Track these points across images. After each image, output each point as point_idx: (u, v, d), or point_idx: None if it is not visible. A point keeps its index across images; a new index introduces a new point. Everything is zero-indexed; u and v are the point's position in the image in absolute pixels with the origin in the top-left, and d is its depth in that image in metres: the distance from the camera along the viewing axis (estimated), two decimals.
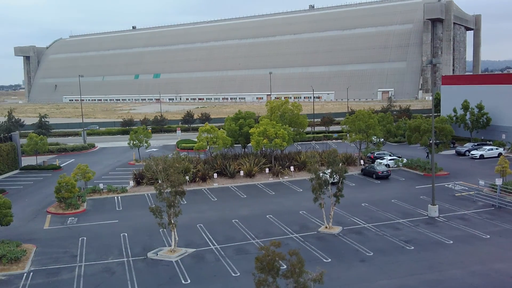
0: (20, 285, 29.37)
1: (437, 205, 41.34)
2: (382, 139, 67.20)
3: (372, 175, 56.69)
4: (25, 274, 31.14)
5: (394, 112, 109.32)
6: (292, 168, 59.11)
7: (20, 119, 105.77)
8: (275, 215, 42.61)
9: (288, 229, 38.43)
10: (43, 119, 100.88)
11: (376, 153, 65.47)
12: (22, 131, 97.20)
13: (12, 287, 29.13)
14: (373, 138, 63.85)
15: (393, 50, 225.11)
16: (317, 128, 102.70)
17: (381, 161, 62.01)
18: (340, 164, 38.85)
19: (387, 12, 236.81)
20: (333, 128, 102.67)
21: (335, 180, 38.75)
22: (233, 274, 30.05)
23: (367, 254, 32.69)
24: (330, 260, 31.71)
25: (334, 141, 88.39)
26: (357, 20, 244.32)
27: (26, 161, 72.35)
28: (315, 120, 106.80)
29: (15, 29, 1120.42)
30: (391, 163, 61.99)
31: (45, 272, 31.31)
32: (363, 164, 61.68)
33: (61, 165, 69.43)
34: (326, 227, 37.99)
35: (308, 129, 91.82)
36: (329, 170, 38.41)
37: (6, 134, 72.69)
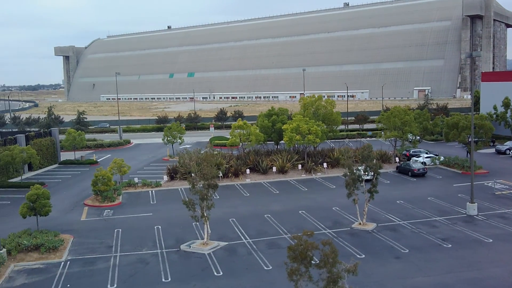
0: (58, 273, 30.15)
1: (476, 203, 40.04)
2: (418, 137, 65.61)
3: (407, 173, 55.47)
4: (62, 263, 31.95)
5: (431, 110, 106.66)
6: (325, 164, 58.53)
7: (59, 116, 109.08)
8: (308, 210, 42.26)
9: (320, 225, 38.04)
10: (81, 116, 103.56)
11: (412, 150, 64.02)
12: (61, 128, 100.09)
13: (50, 275, 29.92)
14: (409, 136, 62.47)
15: (430, 48, 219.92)
16: (351, 126, 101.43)
17: (417, 158, 60.60)
18: (375, 160, 38.16)
19: (424, 9, 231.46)
20: (367, 126, 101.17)
21: (369, 177, 38.11)
22: (265, 268, 29.95)
23: (403, 251, 31.96)
24: (364, 256, 31.17)
25: (368, 139, 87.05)
26: (393, 17, 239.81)
27: (64, 156, 74.48)
28: (349, 118, 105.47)
29: (55, 31, 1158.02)
30: (427, 161, 60.47)
31: (82, 261, 32.05)
32: (398, 162, 60.41)
33: (98, 160, 71.10)
34: (360, 224, 37.40)
35: (342, 127, 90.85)
36: (362, 166, 37.80)
37: (46, 130, 75.00)
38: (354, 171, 36.17)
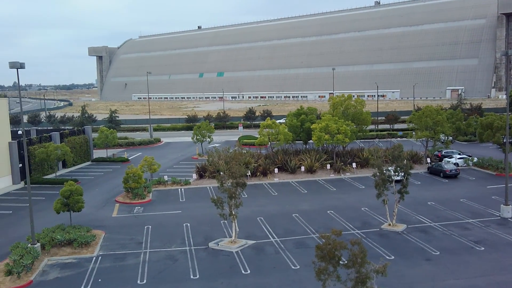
0: (89, 268, 30.86)
1: (510, 206, 38.90)
2: (451, 137, 64.16)
3: (439, 174, 54.36)
4: (94, 257, 32.70)
5: (465, 110, 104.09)
6: (354, 164, 57.96)
7: (92, 115, 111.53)
8: (336, 210, 41.95)
9: (349, 225, 37.70)
10: (113, 115, 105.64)
11: (444, 151, 62.68)
12: (94, 126, 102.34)
13: (82, 270, 30.66)
14: (441, 136, 61.17)
15: (463, 47, 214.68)
16: (381, 126, 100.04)
17: (449, 159, 59.31)
18: (405, 160, 37.53)
19: (457, 7, 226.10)
20: (398, 126, 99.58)
21: (400, 178, 37.52)
22: (293, 267, 29.90)
23: (433, 253, 31.36)
24: (393, 257, 30.72)
25: (398, 139, 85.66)
26: (425, 15, 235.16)
27: (97, 153, 76.16)
28: (379, 118, 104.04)
29: (89, 32, 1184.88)
30: (460, 162, 59.10)
31: (113, 257, 32.72)
32: (430, 163, 59.23)
33: (129, 158, 72.41)
34: (390, 225, 36.88)
35: (372, 127, 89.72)
36: (392, 167, 37.23)
37: (80, 128, 76.87)
38: (384, 171, 35.67)
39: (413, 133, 64.50)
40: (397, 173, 36.63)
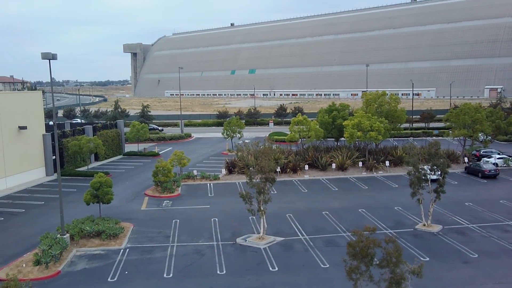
0: (117, 260, 30.75)
1: None
2: (490, 136, 61.58)
3: (477, 174, 52.18)
4: (122, 250, 32.60)
5: (505, 109, 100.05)
6: (387, 163, 56.31)
7: (125, 110, 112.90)
8: (368, 209, 40.68)
9: (381, 224, 36.42)
10: (145, 109, 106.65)
11: (482, 151, 60.22)
12: (126, 121, 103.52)
13: (110, 261, 30.57)
14: (480, 135, 58.78)
15: (503, 44, 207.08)
16: (416, 125, 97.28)
17: (488, 159, 56.88)
18: (442, 158, 35.91)
19: (497, 4, 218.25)
20: (433, 125, 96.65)
21: (436, 177, 35.98)
22: (322, 266, 28.96)
23: (471, 255, 29.81)
24: (428, 259, 29.35)
25: (434, 137, 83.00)
26: (463, 12, 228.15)
27: (128, 147, 76.92)
28: (414, 116, 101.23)
29: (125, 29, 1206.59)
30: (499, 162, 56.59)
31: (140, 250, 32.55)
32: (467, 162, 56.98)
33: (159, 152, 72.75)
34: (424, 225, 35.40)
35: (406, 125, 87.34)
36: (427, 166, 35.68)
37: (112, 122, 77.76)
38: (420, 169, 34.22)
39: (450, 131, 62.26)
40: (433, 172, 35.08)
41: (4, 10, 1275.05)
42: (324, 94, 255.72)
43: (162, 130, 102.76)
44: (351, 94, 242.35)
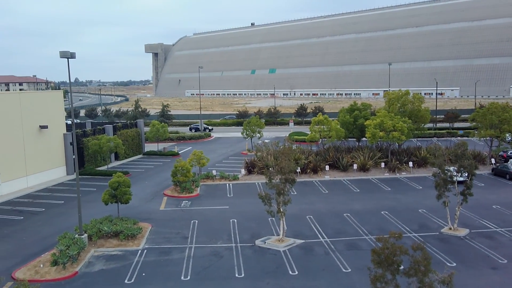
0: (134, 261, 30.35)
1: None
2: None
3: (505, 176, 50.42)
4: (140, 251, 32.20)
5: None
6: (410, 163, 54.88)
7: (146, 109, 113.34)
8: (391, 211, 39.52)
9: (405, 227, 35.26)
10: (165, 109, 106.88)
11: (510, 151, 58.25)
12: (147, 120, 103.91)
13: (127, 263, 30.19)
14: (507, 135, 56.85)
15: None
16: (440, 125, 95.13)
17: None
18: (469, 161, 34.54)
19: None
20: (457, 125, 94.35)
21: (463, 179, 34.66)
22: (344, 270, 28.02)
23: (500, 261, 28.50)
24: (455, 264, 28.16)
25: (459, 138, 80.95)
26: (487, 10, 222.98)
27: (148, 147, 76.98)
28: (438, 116, 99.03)
29: (146, 30, 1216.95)
30: None
31: (158, 251, 32.11)
32: (494, 164, 55.15)
33: (179, 152, 72.56)
34: (450, 228, 34.11)
35: (429, 125, 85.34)
36: (452, 167, 34.37)
37: (132, 121, 77.92)
38: (446, 171, 32.97)
39: (475, 131, 60.43)
40: (460, 173, 33.77)
41: (28, 12, 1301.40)
42: (345, 94, 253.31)
43: (212, 129, 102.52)
44: (373, 93, 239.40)
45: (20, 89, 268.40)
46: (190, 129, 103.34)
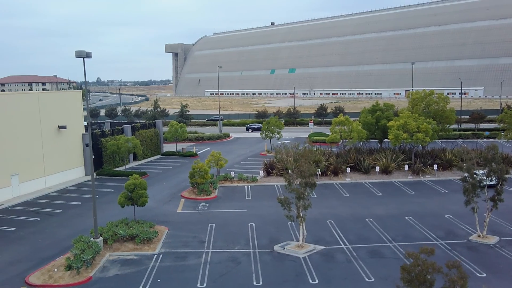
0: (150, 266, 29.55)
1: None
2: None
3: None
4: (155, 255, 31.41)
5: None
6: (435, 166, 53.05)
7: (165, 109, 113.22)
8: (415, 217, 37.97)
9: (431, 234, 33.71)
10: (184, 109, 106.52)
11: None
12: (166, 120, 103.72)
13: (142, 268, 29.41)
14: None
15: None
16: (464, 126, 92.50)
17: None
18: (500, 165, 32.84)
19: None
20: (483, 126, 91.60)
21: (492, 182, 32.98)
22: (367, 279, 26.73)
23: None
24: (485, 275, 26.63)
25: (485, 139, 78.47)
26: None
27: (167, 147, 76.54)
28: (462, 116, 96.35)
29: (167, 30, 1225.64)
30: None
31: (174, 255, 31.28)
32: None
33: (197, 152, 71.91)
34: (479, 236, 32.46)
35: (454, 126, 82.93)
36: (481, 171, 32.71)
37: (151, 121, 77.59)
38: (475, 175, 31.36)
39: (503, 133, 58.24)
40: (490, 178, 32.10)
41: (51, 13, 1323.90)
42: (366, 94, 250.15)
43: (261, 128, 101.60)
44: (394, 93, 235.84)
45: (43, 89, 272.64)
46: (247, 129, 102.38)
